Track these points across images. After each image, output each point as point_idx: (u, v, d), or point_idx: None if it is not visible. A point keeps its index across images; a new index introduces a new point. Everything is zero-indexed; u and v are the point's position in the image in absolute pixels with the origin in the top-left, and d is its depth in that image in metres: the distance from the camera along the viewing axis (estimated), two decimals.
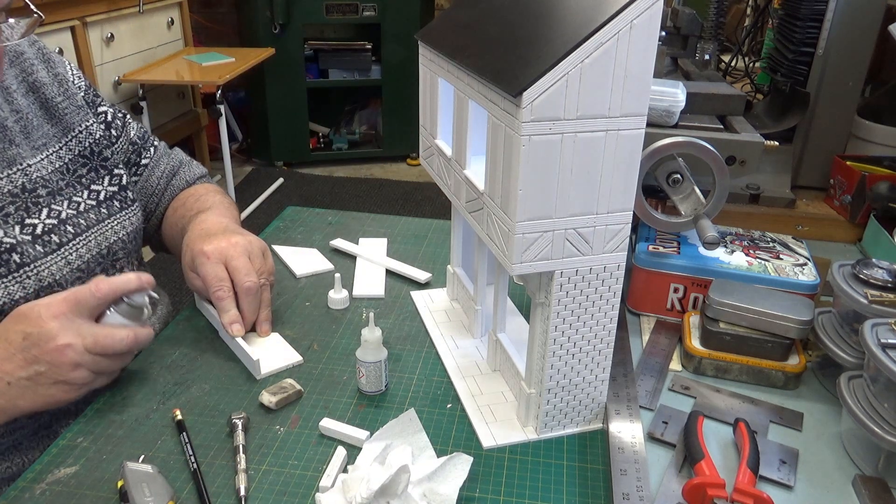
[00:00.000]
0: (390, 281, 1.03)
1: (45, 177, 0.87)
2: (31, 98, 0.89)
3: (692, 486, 0.61)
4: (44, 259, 0.83)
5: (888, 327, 0.67)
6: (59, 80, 0.93)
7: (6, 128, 0.85)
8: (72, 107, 0.92)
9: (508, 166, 0.60)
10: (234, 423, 0.71)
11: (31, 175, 0.85)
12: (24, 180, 0.84)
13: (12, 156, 0.84)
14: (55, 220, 0.86)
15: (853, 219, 1.09)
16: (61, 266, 0.84)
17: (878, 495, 0.64)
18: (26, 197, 0.84)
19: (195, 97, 3.52)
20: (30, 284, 0.81)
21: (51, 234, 0.85)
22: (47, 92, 0.90)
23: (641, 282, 0.90)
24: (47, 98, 0.90)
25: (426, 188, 3.60)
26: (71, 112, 0.92)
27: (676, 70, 1.27)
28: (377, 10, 3.67)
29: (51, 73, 0.92)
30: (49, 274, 0.83)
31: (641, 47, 0.56)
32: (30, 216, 0.83)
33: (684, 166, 0.87)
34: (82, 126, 0.93)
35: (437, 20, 0.84)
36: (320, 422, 0.72)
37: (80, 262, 0.87)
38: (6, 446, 0.80)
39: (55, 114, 0.90)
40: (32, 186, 0.85)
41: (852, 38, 1.10)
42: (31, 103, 0.89)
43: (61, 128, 0.91)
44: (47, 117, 0.90)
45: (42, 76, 0.91)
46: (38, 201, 0.85)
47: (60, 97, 0.92)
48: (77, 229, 0.88)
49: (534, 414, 0.71)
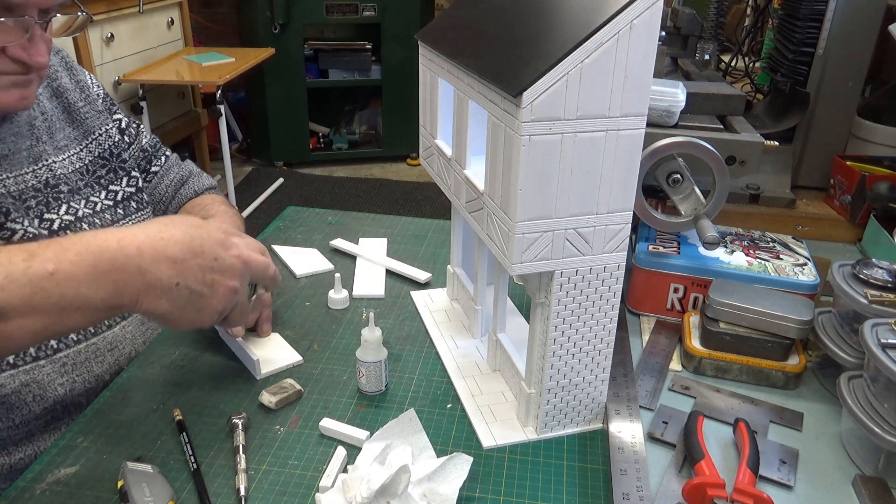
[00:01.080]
0: (390, 281, 1.03)
1: (67, 175, 0.89)
2: (55, 102, 0.93)
3: (692, 486, 0.61)
4: None
5: (888, 327, 0.67)
6: (81, 87, 0.97)
7: (34, 126, 0.88)
8: (92, 112, 0.96)
9: (508, 166, 0.60)
10: (234, 424, 0.71)
11: (55, 171, 0.88)
12: (49, 175, 0.87)
13: (38, 152, 0.87)
14: (72, 217, 0.88)
15: (853, 219, 1.09)
16: None
17: (878, 495, 0.64)
18: (48, 192, 0.86)
19: (195, 97, 3.52)
20: None
21: (66, 231, 0.87)
22: (70, 97, 0.94)
23: (641, 282, 0.90)
24: (70, 103, 0.94)
25: (426, 188, 3.60)
26: (91, 117, 0.96)
27: (676, 70, 1.27)
28: (377, 10, 3.66)
29: (73, 79, 0.96)
30: None
31: (641, 47, 0.56)
32: (49, 211, 0.86)
33: (684, 166, 0.87)
34: (102, 129, 0.97)
35: (437, 20, 0.85)
36: (320, 422, 0.72)
37: None
38: (20, 437, 0.81)
39: (76, 118, 0.94)
40: (55, 182, 0.87)
41: (852, 38, 1.10)
42: (54, 107, 0.92)
43: (82, 131, 0.94)
44: (69, 120, 0.93)
45: (65, 82, 0.95)
46: (59, 197, 0.87)
47: (82, 102, 0.95)
48: (92, 228, 0.89)
49: (534, 414, 0.71)
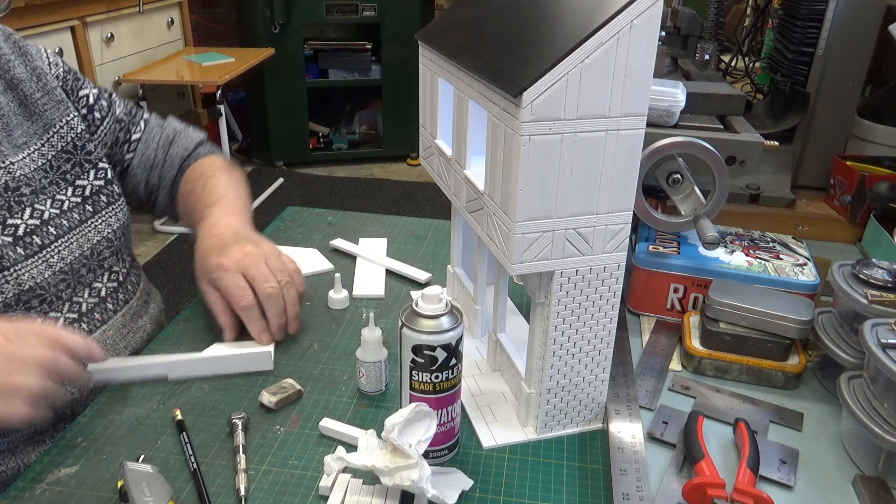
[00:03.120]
0: (390, 281, 1.03)
1: (28, 175, 0.84)
2: (10, 96, 0.86)
3: (692, 486, 0.61)
4: (24, 262, 0.81)
5: (888, 327, 0.67)
6: (38, 75, 0.90)
7: None
8: (51, 102, 0.90)
9: (508, 166, 0.60)
10: (235, 423, 0.71)
11: (13, 173, 0.82)
12: (7, 178, 0.82)
13: None
14: (38, 221, 0.83)
15: (853, 219, 1.09)
16: (42, 269, 0.83)
17: (878, 495, 0.64)
18: (9, 196, 0.81)
19: (195, 97, 3.52)
20: (8, 289, 0.79)
21: (32, 236, 0.82)
22: (25, 89, 0.88)
23: (641, 282, 0.90)
24: (26, 95, 0.87)
25: (426, 188, 3.60)
26: (51, 108, 0.89)
27: (676, 70, 1.27)
28: (377, 10, 3.66)
29: (28, 67, 0.89)
30: (30, 277, 0.81)
31: (641, 47, 0.56)
32: (12, 216, 0.81)
33: (684, 166, 0.87)
34: (63, 121, 0.90)
35: (437, 20, 0.84)
36: (320, 422, 0.72)
37: (63, 264, 0.85)
38: (1, 449, 0.78)
39: (34, 111, 0.88)
40: (16, 185, 0.82)
41: (852, 38, 1.10)
42: (9, 101, 0.86)
43: (42, 125, 0.88)
44: (26, 115, 0.87)
45: (19, 72, 0.88)
46: (22, 200, 0.82)
47: (39, 93, 0.89)
48: (59, 230, 0.85)
49: (534, 414, 0.71)
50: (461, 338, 0.64)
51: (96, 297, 0.89)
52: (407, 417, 0.60)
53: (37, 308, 0.82)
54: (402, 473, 0.59)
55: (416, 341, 0.63)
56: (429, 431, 0.61)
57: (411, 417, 0.60)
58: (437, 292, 0.64)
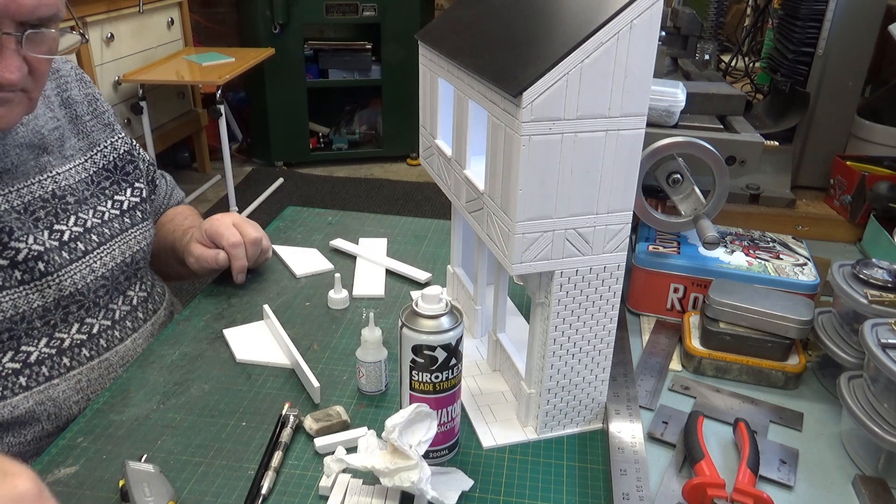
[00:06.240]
0: (390, 281, 1.03)
1: (73, 185, 0.90)
2: (64, 112, 0.94)
3: (692, 486, 0.61)
4: (68, 267, 0.85)
5: (888, 327, 0.67)
6: (90, 100, 0.98)
7: (43, 135, 0.89)
8: (99, 125, 0.98)
9: (508, 166, 0.60)
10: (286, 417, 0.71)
11: (59, 182, 0.89)
12: (54, 187, 0.88)
13: (43, 163, 0.87)
14: (81, 228, 0.89)
15: (853, 219, 1.09)
16: (85, 274, 0.87)
17: (878, 495, 0.64)
18: (56, 203, 0.87)
19: (195, 97, 3.52)
20: (49, 294, 0.83)
21: (77, 242, 0.87)
22: (78, 109, 0.96)
23: (641, 282, 0.90)
24: (77, 115, 0.95)
25: (426, 188, 3.60)
26: (97, 130, 0.97)
27: (676, 70, 1.27)
28: (377, 10, 3.66)
29: (82, 92, 0.98)
30: (72, 283, 0.85)
31: (641, 47, 0.56)
32: (59, 222, 0.87)
33: (684, 166, 0.87)
34: (107, 142, 0.98)
35: (437, 20, 0.85)
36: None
37: (105, 269, 0.90)
38: (31, 453, 0.80)
39: (82, 129, 0.95)
40: (62, 193, 0.88)
41: (852, 38, 1.10)
42: (63, 115, 0.93)
43: (87, 143, 0.95)
44: (75, 132, 0.94)
45: (75, 94, 0.96)
46: (67, 208, 0.88)
47: (89, 116, 0.97)
48: (101, 238, 0.91)
49: (534, 414, 0.71)
50: (461, 338, 0.64)
51: (129, 304, 0.94)
52: (407, 418, 0.60)
53: (75, 313, 0.86)
54: (402, 474, 0.59)
55: (416, 341, 0.63)
56: (429, 432, 0.61)
57: (412, 418, 0.60)
58: (437, 292, 0.64)
